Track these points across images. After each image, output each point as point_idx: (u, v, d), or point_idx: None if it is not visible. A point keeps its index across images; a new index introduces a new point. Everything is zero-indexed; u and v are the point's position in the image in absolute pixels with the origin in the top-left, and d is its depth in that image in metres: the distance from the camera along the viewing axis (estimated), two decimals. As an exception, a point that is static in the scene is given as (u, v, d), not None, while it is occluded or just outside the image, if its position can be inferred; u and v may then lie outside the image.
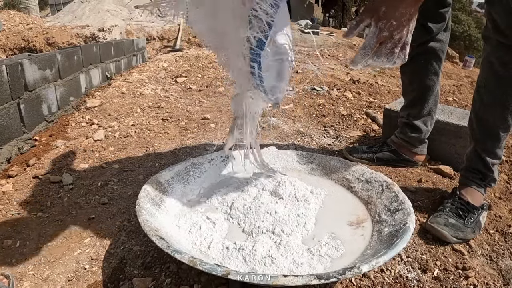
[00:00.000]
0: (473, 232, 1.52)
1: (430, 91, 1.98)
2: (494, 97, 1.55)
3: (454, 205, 1.58)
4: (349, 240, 1.31)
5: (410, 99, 2.07)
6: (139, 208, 1.23)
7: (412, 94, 2.05)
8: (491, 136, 1.61)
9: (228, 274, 0.91)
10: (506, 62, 1.47)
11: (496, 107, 1.55)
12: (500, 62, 1.49)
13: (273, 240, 1.27)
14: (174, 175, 1.56)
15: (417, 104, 2.02)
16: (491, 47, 1.52)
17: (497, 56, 1.50)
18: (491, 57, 1.52)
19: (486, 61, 1.56)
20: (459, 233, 1.48)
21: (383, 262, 0.99)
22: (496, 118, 1.57)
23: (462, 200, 1.60)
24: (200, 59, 4.70)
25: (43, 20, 7.77)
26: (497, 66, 1.50)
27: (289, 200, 1.48)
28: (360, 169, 1.66)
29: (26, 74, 2.35)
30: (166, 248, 1.01)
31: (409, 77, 2.06)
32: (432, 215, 1.56)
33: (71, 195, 1.78)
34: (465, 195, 1.63)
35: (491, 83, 1.56)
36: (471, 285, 1.28)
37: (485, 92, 1.59)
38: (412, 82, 2.03)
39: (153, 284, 1.23)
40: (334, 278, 0.91)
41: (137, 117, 2.83)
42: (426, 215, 1.62)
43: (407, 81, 2.07)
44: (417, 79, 2.00)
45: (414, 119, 2.03)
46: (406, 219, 1.22)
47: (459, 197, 1.62)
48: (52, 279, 1.27)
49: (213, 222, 1.36)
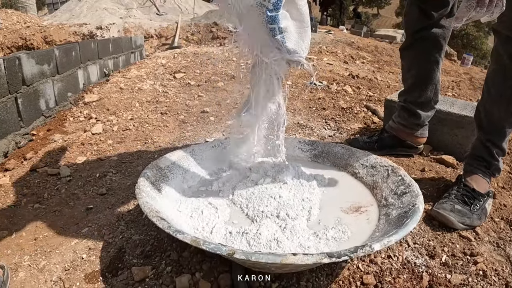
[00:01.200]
0: (479, 219, 1.49)
1: (429, 79, 1.95)
2: (501, 90, 1.58)
3: (459, 192, 1.56)
4: (355, 225, 1.28)
5: (408, 85, 2.05)
6: (138, 191, 1.19)
7: (410, 80, 2.02)
8: (497, 130, 1.63)
9: (233, 253, 0.87)
10: None
11: (502, 100, 1.58)
12: (508, 55, 1.52)
13: (278, 224, 1.23)
14: (175, 161, 1.52)
15: (415, 90, 1.99)
16: (500, 40, 1.56)
17: (505, 49, 1.53)
18: (500, 49, 1.56)
19: (495, 53, 1.59)
20: (466, 219, 1.45)
21: (395, 241, 0.95)
22: (502, 112, 1.59)
23: (468, 187, 1.58)
24: (199, 55, 4.66)
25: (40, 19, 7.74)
26: (505, 59, 1.53)
27: (293, 185, 1.45)
28: (365, 154, 1.63)
29: (23, 68, 2.31)
30: (167, 229, 0.97)
31: (408, 62, 2.04)
32: (438, 202, 1.53)
33: (68, 187, 1.74)
34: (470, 182, 1.61)
35: (498, 76, 1.59)
36: (480, 270, 1.25)
37: (493, 85, 1.61)
38: (411, 68, 2.01)
39: (153, 272, 1.19)
40: (346, 256, 0.87)
41: (136, 112, 2.80)
42: (431, 203, 1.58)
43: (406, 67, 2.05)
44: (416, 65, 1.98)
45: (412, 104, 2.01)
46: (414, 201, 1.19)
47: (464, 184, 1.60)
48: (48, 269, 1.23)
49: (215, 207, 1.32)
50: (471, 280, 1.22)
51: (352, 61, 5.20)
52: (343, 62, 5.03)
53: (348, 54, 5.68)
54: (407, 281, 1.19)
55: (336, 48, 6.27)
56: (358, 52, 6.18)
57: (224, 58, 4.58)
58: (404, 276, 1.21)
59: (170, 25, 8.05)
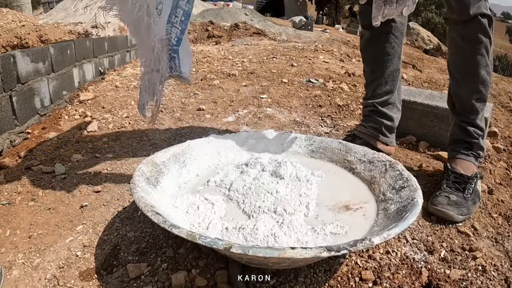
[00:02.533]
0: (474, 203, 1.53)
1: (392, 75, 1.95)
2: (461, 71, 1.73)
3: (450, 180, 1.59)
4: (353, 220, 1.26)
5: (373, 87, 2.00)
6: (133, 185, 1.17)
7: (375, 82, 1.98)
8: (467, 108, 1.72)
9: (230, 247, 0.85)
10: (464, 35, 1.66)
11: (466, 79, 1.71)
12: (460, 36, 1.68)
13: (275, 220, 1.21)
14: (171, 156, 1.50)
15: (381, 90, 1.97)
16: (451, 25, 1.72)
17: (456, 31, 1.69)
18: (452, 33, 1.72)
19: (449, 38, 1.75)
20: (463, 209, 1.47)
21: (394, 234, 0.94)
22: (468, 90, 1.70)
23: (455, 173, 1.61)
24: (194, 54, 4.64)
25: (36, 18, 7.68)
26: (458, 41, 1.69)
27: (290, 180, 1.43)
28: (362, 150, 1.61)
29: (18, 66, 2.29)
30: (162, 223, 0.96)
31: (369, 63, 2.03)
32: (432, 196, 1.53)
33: (63, 184, 1.72)
34: (456, 167, 1.65)
35: (457, 58, 1.75)
36: (479, 265, 1.25)
37: (454, 67, 1.76)
38: (374, 70, 1.98)
39: (148, 269, 1.18)
40: (345, 250, 0.86)
41: (131, 109, 2.78)
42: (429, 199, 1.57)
43: (368, 69, 2.03)
44: (377, 64, 1.96)
45: (382, 106, 1.97)
46: (413, 195, 1.18)
47: (451, 171, 1.63)
48: (42, 267, 1.22)
49: (211, 203, 1.31)
50: (470, 275, 1.21)
51: (348, 60, 5.18)
52: (339, 60, 5.01)
53: (344, 53, 5.67)
54: (406, 277, 1.18)
55: (332, 46, 6.27)
56: (354, 51, 6.16)
57: (220, 56, 4.56)
58: (403, 271, 1.20)
59: (166, 24, 8.01)
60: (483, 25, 1.62)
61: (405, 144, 2.21)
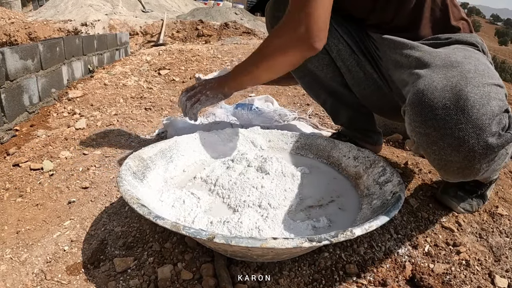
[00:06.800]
0: (478, 204, 1.53)
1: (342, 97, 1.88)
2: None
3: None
4: (336, 214, 1.28)
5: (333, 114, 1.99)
6: (120, 179, 1.18)
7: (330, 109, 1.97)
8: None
9: (213, 238, 0.86)
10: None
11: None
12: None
13: (260, 214, 1.23)
14: (158, 152, 1.51)
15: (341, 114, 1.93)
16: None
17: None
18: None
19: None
20: (466, 205, 1.49)
21: (376, 226, 0.96)
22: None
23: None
24: (184, 52, 4.64)
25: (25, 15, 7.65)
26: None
27: (275, 176, 1.45)
28: (347, 146, 1.63)
29: (7, 63, 2.29)
30: (147, 215, 0.97)
31: (311, 92, 2.00)
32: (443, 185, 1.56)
33: (51, 181, 1.73)
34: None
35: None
36: (463, 260, 1.26)
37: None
38: (318, 95, 1.96)
39: (135, 263, 1.19)
40: (326, 241, 0.87)
41: (120, 107, 2.78)
42: (415, 195, 1.59)
43: (315, 98, 2.03)
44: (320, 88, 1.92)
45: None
46: (396, 189, 1.20)
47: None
48: (30, 261, 1.22)
49: (197, 197, 1.32)
50: (454, 269, 1.23)
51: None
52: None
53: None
54: (390, 270, 1.19)
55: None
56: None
57: (209, 55, 4.57)
58: (387, 265, 1.21)
59: (156, 22, 8.02)
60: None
61: (391, 142, 2.23)
